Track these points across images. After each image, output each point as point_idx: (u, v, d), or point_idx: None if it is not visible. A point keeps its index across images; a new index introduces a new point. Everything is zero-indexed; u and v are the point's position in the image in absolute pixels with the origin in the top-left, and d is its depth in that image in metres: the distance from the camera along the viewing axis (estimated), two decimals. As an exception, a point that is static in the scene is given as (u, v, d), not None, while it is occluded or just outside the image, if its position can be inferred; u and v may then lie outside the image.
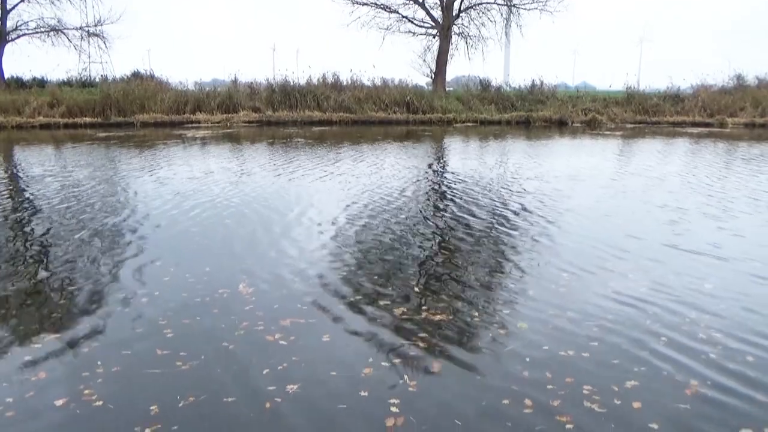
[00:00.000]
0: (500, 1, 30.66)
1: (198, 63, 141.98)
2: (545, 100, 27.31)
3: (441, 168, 12.94)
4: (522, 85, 29.15)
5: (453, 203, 8.69)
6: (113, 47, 35.33)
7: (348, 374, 3.51)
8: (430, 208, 8.39)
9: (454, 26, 30.74)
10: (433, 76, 30.79)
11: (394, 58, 72.96)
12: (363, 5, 30.42)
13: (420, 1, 30.60)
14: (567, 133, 21.93)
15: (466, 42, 31.39)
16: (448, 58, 30.76)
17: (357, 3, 30.25)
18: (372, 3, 30.45)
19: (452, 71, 34.80)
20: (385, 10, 30.68)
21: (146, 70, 28.77)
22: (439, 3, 30.45)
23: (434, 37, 31.00)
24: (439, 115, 25.62)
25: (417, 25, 31.22)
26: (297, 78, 26.89)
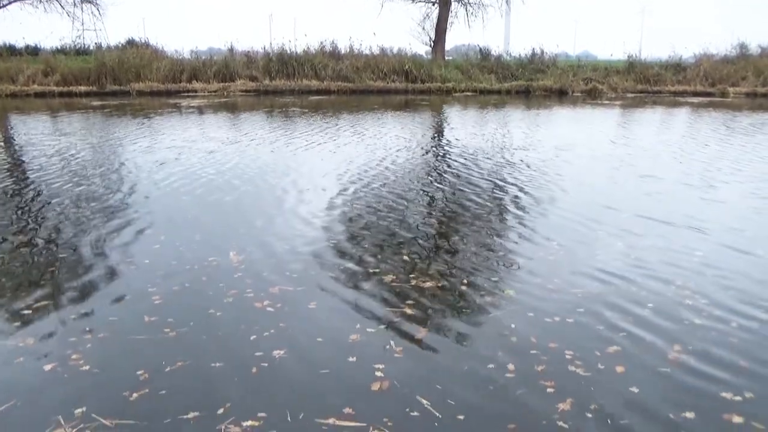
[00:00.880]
0: (501, -33, 30.04)
1: (193, 31, 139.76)
2: (545, 70, 26.96)
3: (436, 138, 12.86)
4: (522, 55, 28.75)
5: (446, 174, 8.66)
6: (107, 14, 34.86)
7: (335, 340, 3.54)
8: (423, 179, 8.36)
9: (454, -8, 30.18)
10: (433, 45, 30.34)
11: (393, 27, 72.11)
12: (361, -29, 29.76)
13: (419, -33, 29.98)
14: (567, 103, 21.74)
15: (466, 9, 30.86)
16: (448, 26, 30.27)
17: (355, -31, 29.62)
18: (370, -31, 29.79)
19: (452, 40, 34.40)
20: (384, -24, 30.07)
21: (141, 38, 28.38)
22: (439, -32, 29.85)
23: (434, 5, 30.44)
24: (438, 85, 25.34)
25: (416, -8, 30.64)
26: (294, 46, 26.52)
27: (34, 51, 27.79)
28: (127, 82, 23.09)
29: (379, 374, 3.16)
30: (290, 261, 4.82)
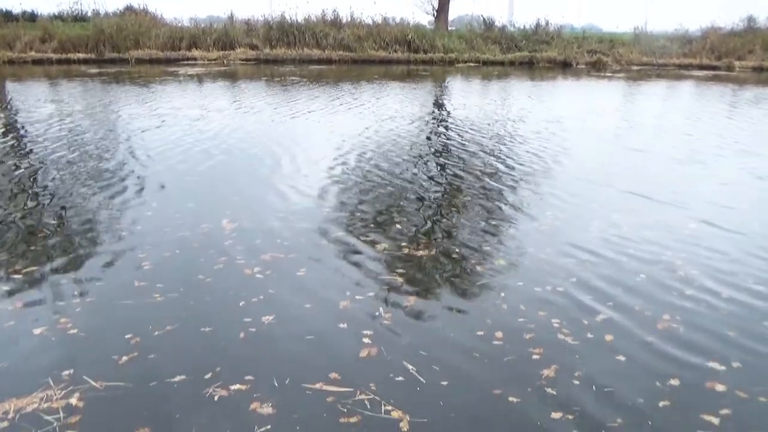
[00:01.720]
0: (507, -66, 29.35)
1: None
2: (550, 41, 26.57)
3: (435, 110, 12.74)
4: (526, 25, 28.33)
5: (444, 145, 8.59)
6: (105, -20, 34.07)
7: (324, 307, 3.54)
8: (420, 150, 8.29)
9: (459, -40, 29.54)
10: (436, 14, 29.83)
11: (396, -5, 70.50)
12: (364, -63, 29.13)
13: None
14: (570, 75, 21.47)
15: (470, -22, 30.26)
16: (452, -5, 29.71)
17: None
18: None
19: (455, 10, 33.80)
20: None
21: (140, 5, 27.89)
22: (443, -65, 29.16)
23: (437, -27, 29.85)
24: (441, 55, 24.99)
25: (420, -41, 30.00)
26: (295, 15, 26.08)
27: (31, 17, 27.38)
28: (126, 50, 22.80)
29: (367, 341, 3.17)
30: (283, 229, 4.80)
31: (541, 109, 12.22)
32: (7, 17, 26.67)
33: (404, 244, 4.53)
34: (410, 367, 2.92)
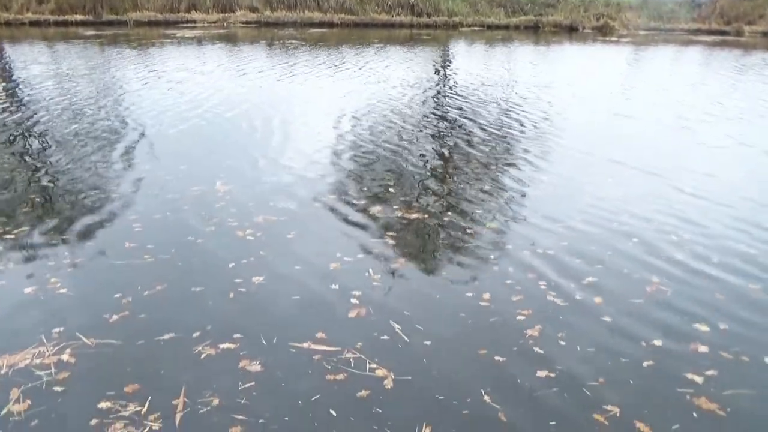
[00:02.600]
0: None
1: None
2: (556, 4, 25.98)
3: (436, 75, 12.55)
4: (532, -13, 27.63)
5: (440, 111, 8.50)
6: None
7: (315, 269, 3.56)
8: (416, 116, 8.21)
9: None
10: (440, -24, 29.15)
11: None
12: None
13: None
14: (576, 40, 21.06)
15: (476, -62, 29.44)
16: (456, -44, 28.98)
17: None
18: None
19: (460, -29, 32.87)
20: None
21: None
22: None
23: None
24: (445, 19, 24.53)
25: None
26: (296, -24, 25.51)
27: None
28: (124, 12, 22.44)
29: (355, 301, 3.19)
30: (276, 192, 4.79)
31: (543, 76, 12.05)
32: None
33: (396, 207, 4.53)
34: (397, 327, 2.95)
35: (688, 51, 18.06)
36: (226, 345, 2.81)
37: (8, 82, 9.83)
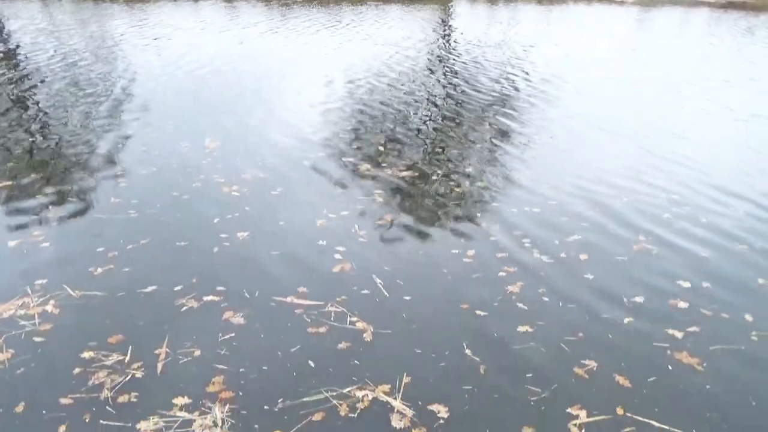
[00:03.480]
0: None
1: None
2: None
3: (435, 35, 12.32)
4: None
5: (436, 73, 8.38)
6: None
7: (301, 225, 3.55)
8: (411, 76, 8.09)
9: None
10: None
11: None
12: None
13: None
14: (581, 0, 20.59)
15: None
16: None
17: None
18: None
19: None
20: None
21: None
22: None
23: None
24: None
25: None
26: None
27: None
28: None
29: (339, 257, 3.19)
30: (264, 148, 4.75)
31: (544, 37, 11.84)
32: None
33: (386, 166, 4.49)
34: (378, 282, 2.95)
35: (697, 12, 17.67)
36: (209, 298, 2.82)
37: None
